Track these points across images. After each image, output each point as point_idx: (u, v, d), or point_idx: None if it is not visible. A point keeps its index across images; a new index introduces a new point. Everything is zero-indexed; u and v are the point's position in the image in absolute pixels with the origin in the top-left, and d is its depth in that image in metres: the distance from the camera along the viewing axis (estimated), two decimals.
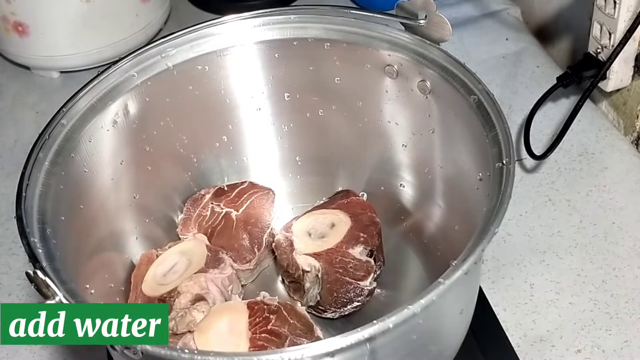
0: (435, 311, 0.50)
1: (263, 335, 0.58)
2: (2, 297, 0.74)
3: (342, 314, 0.65)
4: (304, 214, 0.71)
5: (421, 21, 0.63)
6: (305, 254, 0.66)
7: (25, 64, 1.00)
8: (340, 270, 0.64)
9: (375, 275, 0.65)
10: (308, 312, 0.64)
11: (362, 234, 0.66)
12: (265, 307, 0.60)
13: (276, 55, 0.70)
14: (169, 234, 0.71)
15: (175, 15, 1.07)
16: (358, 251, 0.65)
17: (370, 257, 0.66)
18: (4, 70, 1.02)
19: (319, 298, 0.64)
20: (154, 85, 0.66)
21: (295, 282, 0.67)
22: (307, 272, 0.65)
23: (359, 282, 0.64)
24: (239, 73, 0.70)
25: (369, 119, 0.71)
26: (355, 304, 0.64)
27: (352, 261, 0.65)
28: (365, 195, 0.73)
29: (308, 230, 0.68)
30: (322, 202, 0.72)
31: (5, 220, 0.82)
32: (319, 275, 0.64)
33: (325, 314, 0.65)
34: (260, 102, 0.73)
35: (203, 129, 0.72)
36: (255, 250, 0.68)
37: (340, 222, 0.68)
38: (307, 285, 0.65)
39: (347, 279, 0.64)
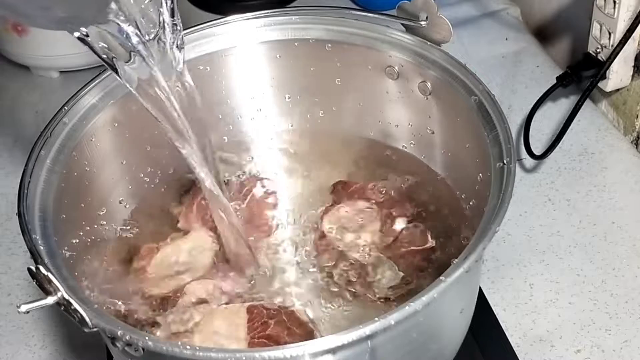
0: (436, 309, 0.51)
1: (261, 340, 0.58)
2: (1, 296, 0.74)
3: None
4: (323, 215, 0.69)
5: (422, 22, 0.63)
6: (359, 250, 0.65)
7: (24, 63, 1.00)
8: (399, 245, 0.64)
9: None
10: (385, 298, 0.63)
11: (392, 211, 0.66)
12: (264, 311, 0.60)
13: (277, 56, 0.70)
14: (171, 232, 0.71)
15: None
16: (402, 225, 0.66)
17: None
18: (3, 70, 1.02)
19: (401, 274, 0.63)
20: None
21: (348, 273, 0.66)
22: (367, 262, 0.64)
23: (424, 246, 0.64)
24: (240, 73, 0.70)
25: (370, 120, 0.71)
26: (433, 263, 0.64)
27: (403, 234, 0.65)
28: None
29: (343, 227, 0.67)
30: (326, 206, 0.71)
31: (5, 220, 0.82)
32: (383, 259, 0.64)
33: (409, 286, 0.63)
34: (261, 103, 0.73)
35: (204, 129, 0.72)
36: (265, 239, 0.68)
37: (365, 209, 0.68)
38: (375, 273, 0.64)
39: (413, 248, 0.64)
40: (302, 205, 0.72)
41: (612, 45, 0.77)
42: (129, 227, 0.68)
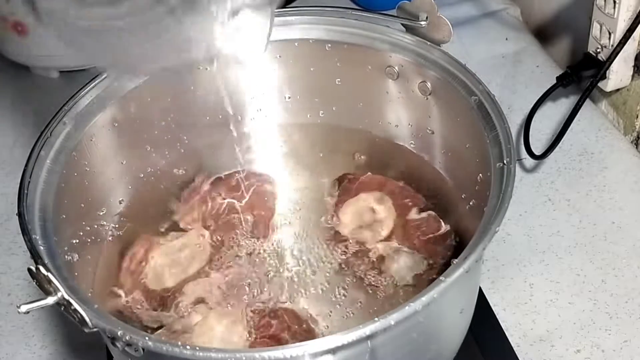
0: (436, 309, 0.51)
1: (263, 340, 0.58)
2: (1, 297, 0.74)
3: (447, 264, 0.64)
4: (336, 210, 0.69)
5: (422, 22, 0.63)
6: (379, 242, 0.65)
7: (24, 63, 1.00)
8: (419, 234, 0.64)
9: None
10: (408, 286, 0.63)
11: (405, 200, 0.67)
12: (265, 311, 0.60)
13: (277, 56, 0.70)
14: (171, 231, 0.71)
15: None
16: (415, 215, 0.66)
17: None
18: (3, 70, 1.02)
19: (425, 262, 0.63)
20: (155, 84, 0.66)
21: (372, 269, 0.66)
22: (389, 255, 0.65)
23: (438, 232, 0.64)
24: (240, 73, 0.70)
25: (370, 120, 0.71)
26: (451, 247, 0.64)
27: (419, 222, 0.65)
28: None
29: (359, 225, 0.68)
30: (336, 200, 0.71)
31: (5, 220, 0.82)
32: (405, 250, 0.64)
33: (432, 271, 0.64)
34: (261, 103, 0.73)
35: (204, 129, 0.72)
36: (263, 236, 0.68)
37: (378, 202, 0.68)
38: (394, 264, 0.65)
39: (430, 236, 0.64)
40: (305, 203, 0.72)
41: (612, 45, 0.77)
42: (128, 227, 0.68)
